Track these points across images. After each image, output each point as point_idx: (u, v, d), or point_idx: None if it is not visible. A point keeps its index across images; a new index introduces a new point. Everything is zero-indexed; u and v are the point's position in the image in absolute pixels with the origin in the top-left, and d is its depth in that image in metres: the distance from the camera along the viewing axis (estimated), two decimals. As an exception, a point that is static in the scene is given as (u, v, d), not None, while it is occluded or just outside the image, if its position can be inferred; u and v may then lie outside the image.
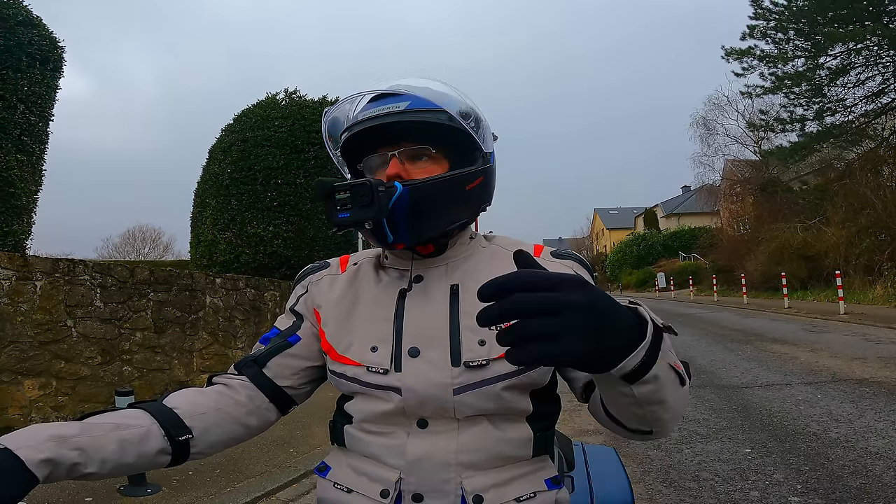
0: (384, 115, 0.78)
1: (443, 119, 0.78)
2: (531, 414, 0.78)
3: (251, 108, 7.61)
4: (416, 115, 0.78)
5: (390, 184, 0.74)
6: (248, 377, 0.84)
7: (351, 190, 0.73)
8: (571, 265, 0.84)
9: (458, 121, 0.78)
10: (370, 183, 0.72)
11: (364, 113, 0.80)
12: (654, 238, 34.23)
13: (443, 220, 0.79)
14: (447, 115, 0.78)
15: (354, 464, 0.79)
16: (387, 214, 0.73)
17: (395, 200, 0.73)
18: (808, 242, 15.24)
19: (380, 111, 0.78)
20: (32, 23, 4.69)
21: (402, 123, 0.78)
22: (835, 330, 8.64)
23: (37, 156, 4.83)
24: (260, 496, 3.04)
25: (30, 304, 3.94)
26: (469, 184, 0.80)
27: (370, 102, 0.81)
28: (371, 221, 0.73)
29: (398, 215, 0.74)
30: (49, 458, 0.61)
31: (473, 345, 0.75)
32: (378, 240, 0.77)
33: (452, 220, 0.80)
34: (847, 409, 4.06)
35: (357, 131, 0.80)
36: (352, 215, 0.73)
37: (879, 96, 14.60)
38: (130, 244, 32.55)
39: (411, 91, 0.79)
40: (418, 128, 0.78)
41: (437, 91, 0.80)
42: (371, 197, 0.72)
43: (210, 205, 7.24)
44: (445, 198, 0.78)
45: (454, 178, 0.79)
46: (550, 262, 0.84)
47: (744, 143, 22.72)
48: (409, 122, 0.78)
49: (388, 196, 0.73)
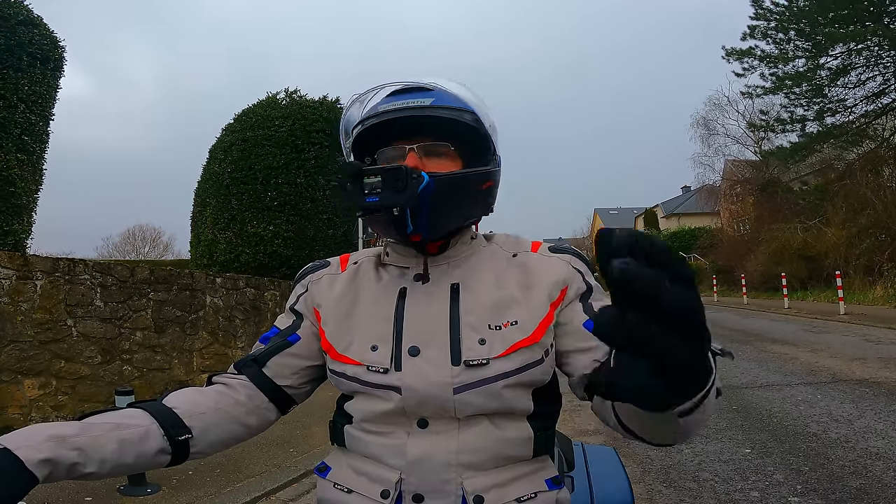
0: (410, 107, 0.78)
1: (466, 119, 0.79)
2: (532, 413, 0.78)
3: (252, 107, 7.61)
4: (442, 111, 0.78)
5: (418, 172, 0.73)
6: (248, 377, 0.84)
7: (383, 174, 0.72)
8: (569, 259, 0.83)
9: (482, 122, 0.80)
10: (406, 168, 0.71)
11: (387, 104, 0.80)
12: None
13: (460, 215, 0.79)
14: (471, 115, 0.79)
15: (354, 464, 0.79)
16: (416, 203, 0.72)
17: (422, 188, 0.72)
18: (808, 243, 15.24)
19: (404, 104, 0.78)
20: (33, 22, 4.69)
21: (425, 118, 0.78)
22: (835, 330, 8.64)
23: (37, 155, 4.83)
24: (260, 496, 3.04)
25: (30, 304, 3.94)
26: (483, 183, 0.81)
27: (390, 96, 0.81)
28: (399, 208, 0.71)
29: (423, 206, 0.73)
30: (48, 457, 0.61)
31: (474, 343, 0.75)
32: (397, 230, 0.75)
33: (467, 216, 0.81)
34: (847, 409, 4.06)
35: (375, 123, 0.79)
36: (381, 200, 0.71)
37: (880, 97, 14.60)
38: (130, 243, 32.54)
39: (436, 87, 0.80)
40: (437, 124, 0.78)
41: (461, 93, 0.81)
42: (406, 182, 0.71)
43: (210, 204, 7.23)
44: (465, 193, 0.78)
45: (473, 175, 0.79)
46: (548, 257, 0.83)
47: (744, 144, 22.73)
48: (434, 116, 0.78)
49: (417, 184, 0.72)
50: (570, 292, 0.80)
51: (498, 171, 0.84)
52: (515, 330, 0.76)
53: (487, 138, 0.81)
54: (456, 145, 0.81)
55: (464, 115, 0.79)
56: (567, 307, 0.80)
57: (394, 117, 0.78)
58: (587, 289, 0.81)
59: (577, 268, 0.83)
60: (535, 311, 0.78)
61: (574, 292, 0.81)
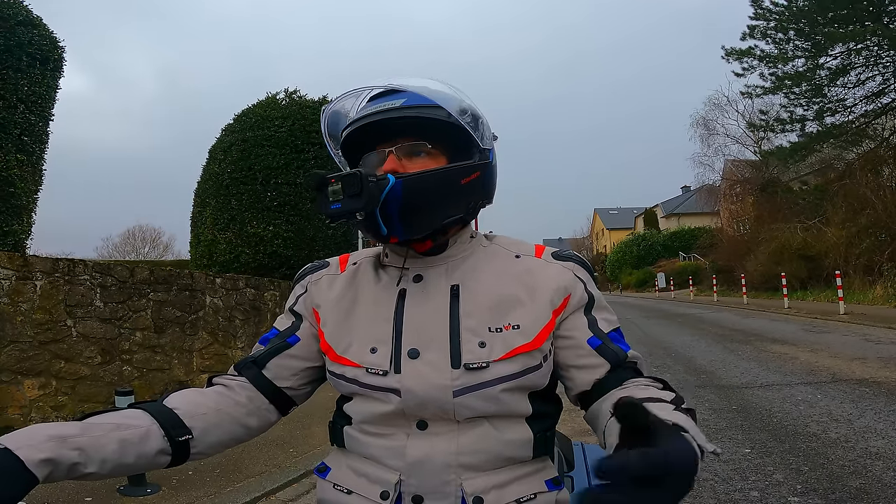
0: (380, 111, 0.78)
1: (439, 115, 0.78)
2: (531, 415, 0.78)
3: (251, 107, 7.61)
4: (412, 111, 0.78)
5: (382, 176, 0.73)
6: (248, 378, 0.84)
7: (342, 181, 0.73)
8: (572, 267, 0.84)
9: (454, 117, 0.78)
10: (360, 173, 0.72)
11: (361, 111, 0.80)
12: (654, 238, 34.22)
13: (437, 214, 0.78)
14: (443, 111, 0.78)
15: (354, 465, 0.79)
16: (377, 206, 0.72)
17: (387, 192, 0.72)
18: (808, 243, 15.24)
19: (376, 108, 0.78)
20: (33, 22, 4.69)
21: (398, 119, 0.78)
22: (835, 330, 8.64)
23: (37, 156, 4.83)
24: (260, 496, 3.04)
25: (30, 304, 3.94)
26: (465, 178, 0.79)
27: (369, 102, 0.82)
28: (362, 212, 0.72)
29: (391, 208, 0.73)
30: (49, 457, 0.61)
31: (473, 346, 0.75)
32: (373, 233, 0.77)
33: (447, 214, 0.79)
34: (847, 409, 4.06)
35: (357, 129, 0.80)
36: (343, 206, 0.73)
37: (879, 96, 14.61)
38: (130, 244, 32.58)
39: (406, 88, 0.80)
40: (416, 124, 0.78)
41: (433, 89, 0.80)
42: (360, 187, 0.71)
43: (210, 204, 7.24)
44: (439, 191, 0.77)
45: (448, 172, 0.78)
46: (551, 264, 0.84)
47: (744, 144, 22.74)
48: (404, 117, 0.78)
49: (379, 188, 0.72)
50: (572, 301, 0.81)
51: (486, 163, 0.82)
52: (517, 334, 0.76)
53: (465, 132, 0.80)
54: (437, 143, 0.80)
55: (436, 111, 0.78)
56: (569, 317, 0.80)
57: (367, 122, 0.78)
58: (589, 299, 0.82)
59: (579, 276, 0.83)
60: (538, 317, 0.78)
61: (577, 302, 0.81)
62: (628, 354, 0.79)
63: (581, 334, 0.79)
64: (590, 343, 0.78)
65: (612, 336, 0.80)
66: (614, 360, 0.78)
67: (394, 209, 0.73)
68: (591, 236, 52.92)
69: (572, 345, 0.79)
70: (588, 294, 0.82)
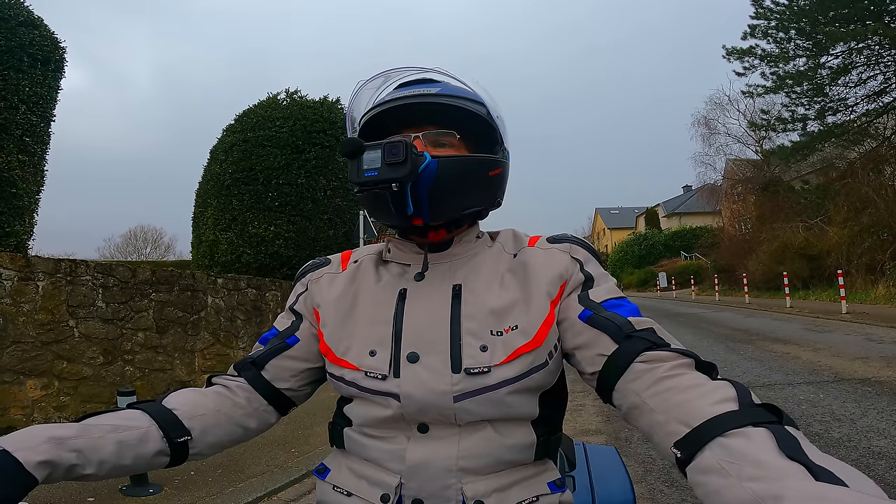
0: (417, 95, 0.78)
1: (473, 108, 0.79)
2: (537, 418, 0.76)
3: (252, 108, 7.62)
4: (450, 99, 0.78)
5: (421, 152, 0.72)
6: (246, 379, 0.83)
7: (383, 148, 0.71)
8: (568, 248, 0.81)
9: (488, 111, 0.79)
10: (406, 142, 0.70)
11: (391, 95, 0.80)
12: (655, 238, 34.19)
13: (464, 201, 0.77)
14: (478, 104, 0.79)
15: (354, 467, 0.78)
16: (415, 178, 0.70)
17: (424, 167, 0.71)
18: (809, 242, 15.22)
19: (413, 92, 0.78)
20: (34, 23, 4.70)
21: (432, 106, 0.78)
22: (837, 329, 8.62)
23: (38, 156, 4.84)
24: (261, 496, 3.04)
25: (32, 305, 3.95)
26: (492, 170, 0.80)
27: (398, 88, 0.82)
28: (398, 183, 0.70)
29: (423, 186, 0.72)
30: (47, 459, 0.61)
31: (475, 351, 0.73)
32: (397, 210, 0.73)
33: (472, 203, 0.79)
34: (849, 408, 4.05)
35: (385, 111, 0.79)
36: (380, 174, 0.70)
37: (881, 95, 14.57)
38: (132, 244, 32.56)
39: (442, 78, 0.81)
40: (443, 113, 0.78)
41: (466, 82, 0.81)
42: (405, 156, 0.69)
43: (211, 205, 7.24)
44: (469, 178, 0.77)
45: (482, 161, 0.78)
46: (545, 250, 0.81)
47: (745, 143, 22.71)
48: (441, 104, 0.78)
49: (417, 163, 0.71)
50: (568, 286, 0.78)
51: (507, 163, 0.83)
52: (517, 334, 0.74)
53: (494, 129, 0.81)
54: (463, 134, 0.80)
55: (471, 104, 0.79)
56: (564, 301, 0.77)
57: (401, 104, 0.78)
58: (586, 279, 0.78)
59: (575, 257, 0.80)
60: (536, 313, 0.76)
61: (572, 285, 0.78)
62: (629, 320, 0.71)
63: (573, 313, 0.75)
64: (580, 317, 0.74)
65: (607, 304, 0.74)
66: (613, 330, 0.71)
67: (424, 188, 0.72)
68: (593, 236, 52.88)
69: (567, 326, 0.76)
70: (585, 273, 0.79)
